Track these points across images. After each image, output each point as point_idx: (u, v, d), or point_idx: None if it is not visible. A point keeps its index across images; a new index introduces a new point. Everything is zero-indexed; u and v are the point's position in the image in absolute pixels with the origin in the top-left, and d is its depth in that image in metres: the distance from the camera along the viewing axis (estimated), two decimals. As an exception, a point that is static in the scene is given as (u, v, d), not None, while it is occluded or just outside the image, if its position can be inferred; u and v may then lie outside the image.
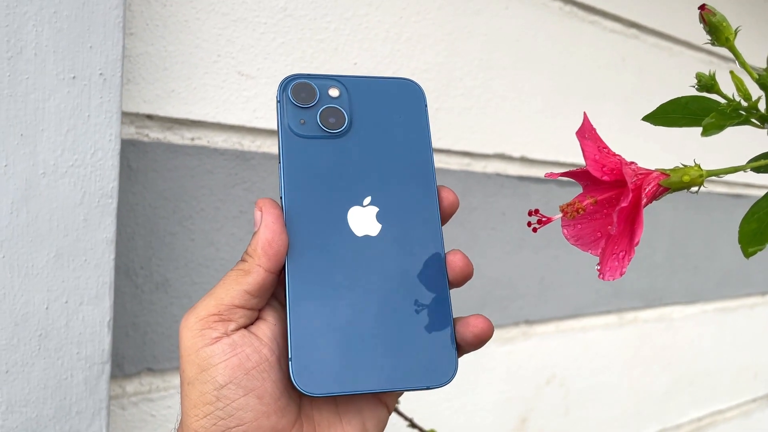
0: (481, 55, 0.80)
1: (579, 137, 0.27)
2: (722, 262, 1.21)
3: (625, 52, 0.96)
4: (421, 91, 0.37)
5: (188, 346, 0.30)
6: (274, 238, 0.31)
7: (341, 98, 0.35)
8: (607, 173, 0.26)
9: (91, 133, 0.45)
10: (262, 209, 0.32)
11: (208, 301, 0.31)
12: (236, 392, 0.30)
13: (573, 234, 0.30)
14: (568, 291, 0.94)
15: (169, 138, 0.59)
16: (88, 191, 0.45)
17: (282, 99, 0.34)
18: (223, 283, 0.31)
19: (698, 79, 0.25)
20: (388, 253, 0.33)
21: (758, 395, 1.36)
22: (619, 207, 0.25)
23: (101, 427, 0.47)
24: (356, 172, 0.34)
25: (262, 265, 0.31)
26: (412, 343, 0.33)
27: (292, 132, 0.34)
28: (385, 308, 0.33)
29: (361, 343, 0.32)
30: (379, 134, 0.35)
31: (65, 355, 0.45)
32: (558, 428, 0.97)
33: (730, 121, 0.24)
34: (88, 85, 0.45)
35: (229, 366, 0.30)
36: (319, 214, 0.33)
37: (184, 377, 0.31)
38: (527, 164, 0.87)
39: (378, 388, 0.32)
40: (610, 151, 0.27)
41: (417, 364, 0.32)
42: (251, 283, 0.31)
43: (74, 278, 0.45)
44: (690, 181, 0.27)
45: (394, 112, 0.36)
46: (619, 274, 0.26)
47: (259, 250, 0.31)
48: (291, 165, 0.33)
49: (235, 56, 0.61)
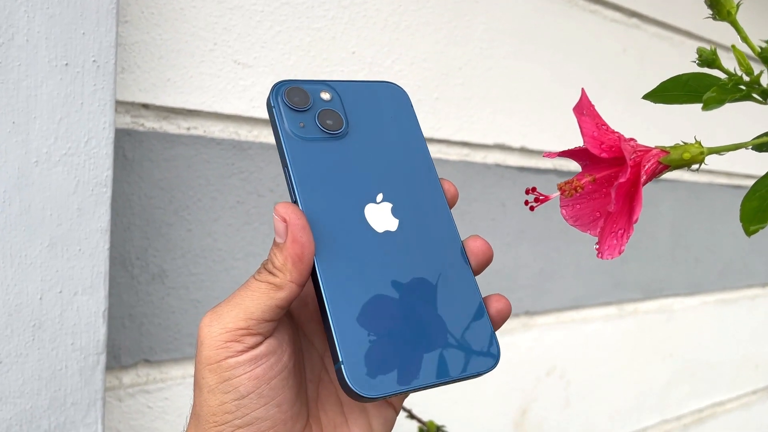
0: (480, 44, 0.79)
1: (576, 113, 0.26)
2: (723, 253, 1.21)
3: (626, 41, 0.95)
4: (404, 93, 0.38)
5: (211, 355, 0.30)
6: (304, 252, 0.30)
7: (334, 101, 0.35)
8: (605, 150, 0.25)
9: (84, 121, 0.44)
10: (287, 220, 0.30)
11: (236, 312, 0.30)
12: (257, 402, 0.29)
13: (572, 214, 0.29)
14: (568, 282, 0.94)
15: (165, 127, 0.58)
16: (82, 180, 0.45)
17: (277, 104, 0.34)
18: (251, 294, 0.30)
19: (699, 54, 0.25)
20: (411, 247, 0.34)
21: (759, 387, 1.36)
22: (618, 182, 0.24)
23: (97, 418, 0.46)
24: (363, 170, 0.34)
25: (294, 280, 0.30)
26: (454, 333, 0.33)
27: (294, 135, 0.33)
28: (420, 301, 0.33)
29: (405, 339, 0.32)
30: (376, 134, 0.36)
31: (60, 345, 0.44)
32: (558, 420, 0.97)
33: (731, 96, 0.24)
34: (81, 72, 0.44)
35: (252, 377, 0.29)
36: (338, 214, 0.33)
37: (203, 384, 0.30)
38: (527, 155, 0.86)
39: (430, 383, 0.31)
40: (609, 128, 0.26)
41: (462, 353, 0.32)
42: (283, 299, 0.30)
43: (68, 268, 0.44)
44: (690, 158, 0.26)
45: (384, 113, 0.36)
46: (618, 253, 0.26)
47: (290, 265, 0.30)
48: (300, 168, 0.33)
49: (231, 45, 0.60)
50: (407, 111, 0.37)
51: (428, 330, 0.32)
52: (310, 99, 0.35)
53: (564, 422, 0.98)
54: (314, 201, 0.33)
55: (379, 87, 0.37)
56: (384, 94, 0.37)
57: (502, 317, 0.34)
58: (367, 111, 0.36)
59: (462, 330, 0.33)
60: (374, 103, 0.36)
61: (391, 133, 0.36)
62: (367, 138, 0.35)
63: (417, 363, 0.31)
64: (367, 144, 0.35)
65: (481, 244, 0.35)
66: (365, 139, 0.35)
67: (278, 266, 0.30)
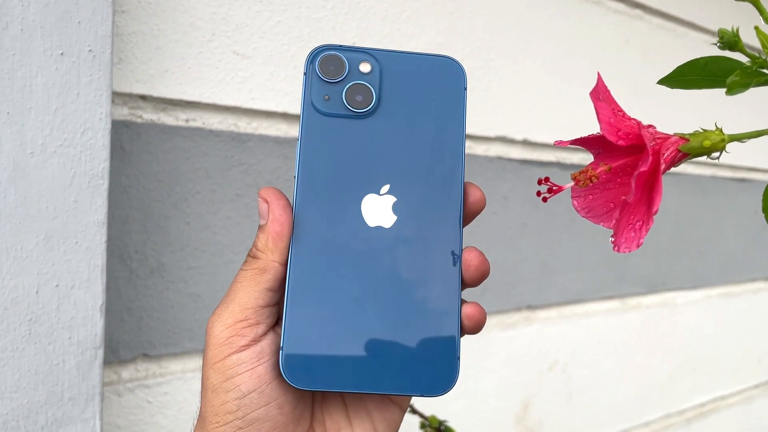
0: (483, 35, 0.78)
1: (593, 99, 0.25)
2: (726, 246, 1.20)
3: (630, 33, 0.94)
4: (462, 72, 0.33)
5: (214, 354, 0.30)
6: (283, 230, 0.30)
7: (372, 74, 0.32)
8: (622, 137, 0.24)
9: (80, 112, 0.43)
10: (268, 201, 0.31)
11: (232, 307, 0.30)
12: (258, 401, 0.29)
13: (584, 205, 0.28)
14: (570, 276, 0.93)
15: (163, 119, 0.57)
16: (78, 172, 0.44)
17: (308, 71, 0.32)
18: (241, 286, 0.30)
19: (721, 35, 0.24)
20: (399, 248, 0.31)
21: (762, 381, 1.35)
22: (638, 171, 0.23)
23: (95, 413, 0.46)
24: (377, 157, 0.32)
25: (277, 259, 0.30)
26: (412, 347, 0.31)
27: (314, 108, 0.32)
28: (387, 306, 0.31)
29: (356, 340, 0.30)
30: (409, 117, 0.32)
31: (57, 340, 0.44)
32: (561, 414, 0.97)
33: (756, 80, 0.23)
34: (77, 62, 0.43)
35: (254, 375, 0.29)
36: (332, 198, 0.31)
37: (207, 384, 0.30)
38: (530, 147, 0.85)
39: (365, 390, 0.30)
40: (626, 114, 0.25)
41: (414, 370, 0.31)
42: (271, 280, 0.30)
43: (65, 261, 0.44)
44: (711, 146, 0.25)
45: (428, 94, 0.33)
46: (636, 246, 0.25)
47: (270, 244, 0.30)
48: (309, 144, 0.31)
49: (230, 35, 0.60)
50: (456, 96, 0.33)
51: (385, 338, 0.31)
52: (346, 69, 0.32)
53: (566, 416, 0.97)
54: (313, 180, 0.31)
55: (434, 62, 0.33)
56: (437, 71, 0.33)
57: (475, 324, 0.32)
58: (407, 90, 0.32)
59: (423, 346, 0.31)
60: (420, 81, 0.33)
61: (427, 120, 0.32)
62: (395, 121, 0.32)
63: (360, 367, 0.30)
64: (393, 128, 0.32)
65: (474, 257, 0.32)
66: (392, 122, 0.32)
67: (260, 247, 0.31)
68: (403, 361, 0.31)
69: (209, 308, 0.61)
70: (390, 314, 0.31)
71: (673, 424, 1.16)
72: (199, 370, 0.61)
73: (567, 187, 0.27)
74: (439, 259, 0.32)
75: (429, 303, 0.31)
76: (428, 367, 0.31)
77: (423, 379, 0.31)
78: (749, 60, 0.23)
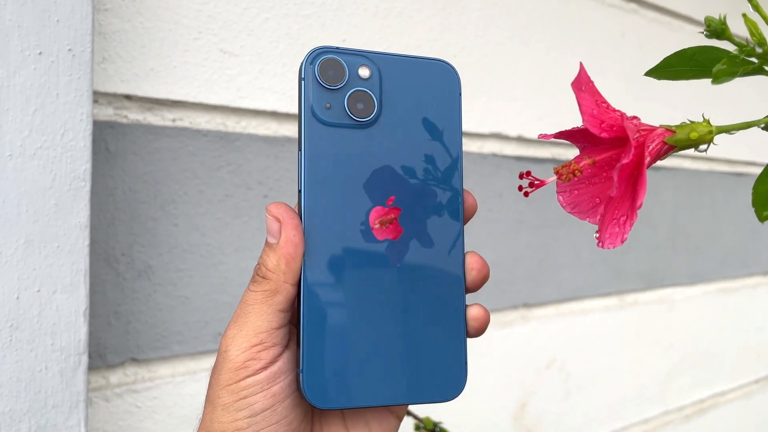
0: (475, 30, 0.77)
1: (575, 89, 0.24)
2: (724, 242, 1.19)
3: (624, 27, 0.93)
4: (457, 77, 0.33)
5: (230, 377, 0.30)
6: (297, 251, 0.30)
7: (372, 80, 0.32)
8: (606, 130, 0.23)
9: (60, 113, 0.42)
10: (280, 220, 0.30)
11: (245, 330, 0.30)
12: (270, 419, 0.30)
13: (569, 201, 0.27)
14: (567, 273, 0.92)
15: (149, 119, 0.56)
16: (59, 174, 0.43)
17: (306, 76, 0.31)
18: (252, 309, 0.30)
19: (708, 23, 0.23)
20: (407, 261, 0.32)
21: (761, 376, 1.34)
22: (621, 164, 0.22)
23: (79, 420, 0.45)
24: (381, 167, 0.32)
25: (290, 281, 0.30)
26: (424, 357, 0.32)
27: (315, 118, 0.31)
28: (399, 319, 0.32)
29: (373, 356, 0.31)
30: (408, 125, 0.32)
31: (39, 346, 0.43)
32: (558, 413, 0.96)
33: (743, 68, 0.22)
34: (56, 61, 0.42)
35: (269, 395, 0.30)
36: (339, 213, 0.31)
37: (218, 402, 0.30)
38: (524, 144, 0.84)
39: (383, 403, 0.31)
40: (610, 106, 0.24)
41: (426, 379, 0.32)
42: (283, 302, 0.30)
43: (46, 266, 0.43)
44: (698, 138, 0.24)
45: (425, 100, 0.33)
46: (620, 242, 0.24)
47: (284, 265, 0.30)
48: (313, 156, 0.31)
49: (216, 33, 0.59)
50: (452, 99, 0.33)
51: (399, 350, 0.31)
52: (346, 75, 0.31)
53: (564, 415, 0.97)
54: (319, 194, 0.31)
55: (430, 66, 0.33)
56: (433, 76, 0.33)
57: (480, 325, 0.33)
58: (406, 96, 0.32)
59: (434, 355, 0.32)
60: (417, 86, 0.33)
61: (426, 127, 0.33)
62: (396, 130, 0.32)
63: (378, 382, 0.31)
64: (394, 137, 0.32)
65: (475, 261, 0.33)
66: (393, 132, 0.32)
67: (271, 267, 0.30)
68: (415, 371, 0.32)
69: (198, 311, 0.60)
70: (402, 326, 0.32)
71: (672, 420, 1.15)
72: (190, 374, 0.60)
73: (549, 181, 0.26)
74: (445, 267, 0.32)
75: (438, 312, 0.32)
76: (439, 374, 0.32)
77: (435, 387, 0.32)
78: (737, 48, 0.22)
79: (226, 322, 0.61)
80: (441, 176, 0.33)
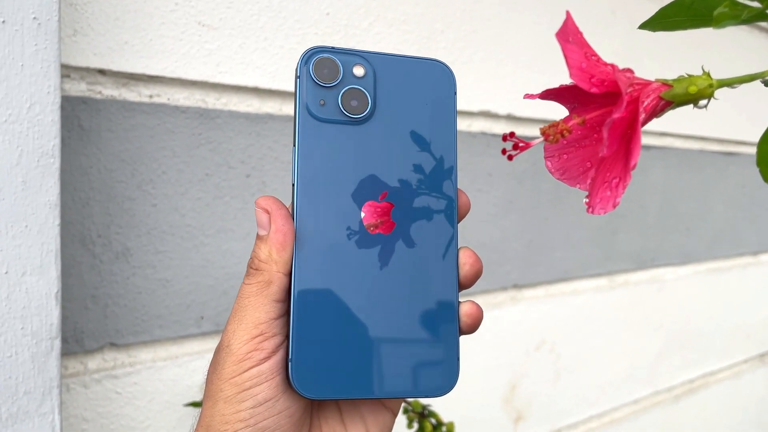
0: (463, 5, 0.75)
1: (561, 41, 0.22)
2: (715, 222, 1.18)
3: (615, 3, 0.92)
4: (452, 76, 0.34)
5: (233, 370, 0.30)
6: (287, 240, 0.31)
7: (366, 78, 0.32)
8: (596, 84, 0.21)
9: (26, 85, 0.40)
10: (269, 211, 0.31)
11: (245, 324, 0.30)
12: (271, 410, 0.30)
13: (558, 166, 0.25)
14: (557, 254, 0.91)
15: (124, 95, 0.54)
16: (26, 150, 0.41)
17: (302, 74, 0.32)
18: (249, 302, 0.31)
19: None
20: (399, 255, 0.32)
21: (750, 356, 1.35)
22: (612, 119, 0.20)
23: (53, 407, 0.43)
24: (375, 163, 0.32)
25: (282, 270, 0.31)
26: (415, 351, 0.32)
27: (310, 114, 0.31)
28: (391, 312, 0.32)
29: (363, 349, 0.31)
30: (402, 122, 0.33)
31: (8, 330, 0.41)
32: (549, 394, 0.95)
33: (746, 12, 0.20)
34: (20, 30, 0.40)
35: (272, 385, 0.30)
36: (332, 207, 0.31)
37: (219, 396, 0.30)
38: (514, 122, 0.83)
39: (373, 395, 0.31)
40: (600, 58, 0.22)
41: (418, 373, 0.32)
42: (277, 292, 0.31)
43: (14, 246, 0.41)
44: (697, 92, 0.22)
45: (420, 98, 0.33)
46: (612, 206, 0.22)
47: (275, 255, 0.30)
48: (307, 151, 0.31)
49: (194, 5, 0.56)
50: (447, 98, 0.34)
51: (390, 344, 0.32)
52: (340, 73, 0.32)
53: (554, 396, 0.96)
54: (312, 189, 0.31)
55: (424, 66, 0.34)
56: (428, 75, 0.34)
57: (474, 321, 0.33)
58: (400, 95, 0.33)
59: (426, 349, 0.32)
60: (412, 84, 0.33)
61: (420, 125, 0.33)
62: (389, 127, 0.33)
63: (367, 374, 0.31)
64: (388, 134, 0.32)
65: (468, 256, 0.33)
66: (387, 128, 0.33)
67: (263, 258, 0.31)
68: (408, 365, 0.32)
69: (179, 294, 0.58)
70: (394, 320, 0.32)
71: (662, 401, 1.15)
72: (171, 359, 0.58)
73: (535, 143, 0.24)
74: (438, 263, 0.33)
75: (430, 307, 0.32)
76: (432, 368, 0.32)
77: (427, 381, 0.32)
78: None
79: (208, 305, 0.59)
80: (435, 173, 0.33)
